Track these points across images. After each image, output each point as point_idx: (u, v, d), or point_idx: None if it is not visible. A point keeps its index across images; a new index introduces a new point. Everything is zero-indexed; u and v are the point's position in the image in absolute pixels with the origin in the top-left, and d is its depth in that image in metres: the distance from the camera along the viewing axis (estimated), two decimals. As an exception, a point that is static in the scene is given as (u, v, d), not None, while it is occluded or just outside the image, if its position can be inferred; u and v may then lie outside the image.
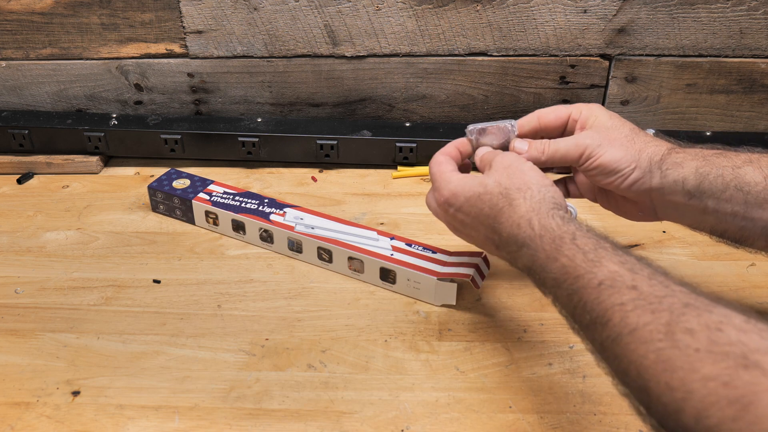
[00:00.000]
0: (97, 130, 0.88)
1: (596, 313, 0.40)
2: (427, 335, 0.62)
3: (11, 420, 0.54)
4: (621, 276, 0.41)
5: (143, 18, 0.87)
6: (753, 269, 0.69)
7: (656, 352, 0.35)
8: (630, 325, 0.38)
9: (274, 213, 0.73)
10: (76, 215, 0.80)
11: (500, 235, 0.51)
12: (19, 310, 0.66)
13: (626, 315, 0.38)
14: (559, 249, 0.46)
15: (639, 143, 0.55)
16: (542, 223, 0.48)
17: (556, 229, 0.47)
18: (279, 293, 0.67)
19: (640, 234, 0.75)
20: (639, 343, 0.37)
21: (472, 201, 0.53)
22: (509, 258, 0.52)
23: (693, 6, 0.82)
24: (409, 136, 0.86)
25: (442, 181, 0.56)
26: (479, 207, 0.53)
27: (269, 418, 0.54)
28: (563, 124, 0.58)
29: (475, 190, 0.53)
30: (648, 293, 0.39)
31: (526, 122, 0.59)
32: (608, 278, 0.41)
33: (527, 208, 0.49)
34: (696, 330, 0.35)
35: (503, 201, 0.51)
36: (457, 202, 0.54)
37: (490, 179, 0.53)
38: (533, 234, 0.48)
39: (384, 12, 0.85)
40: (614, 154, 0.54)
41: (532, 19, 0.84)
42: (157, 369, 0.58)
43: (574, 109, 0.58)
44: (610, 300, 0.40)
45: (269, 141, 0.87)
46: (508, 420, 0.53)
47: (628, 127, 0.56)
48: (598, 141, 0.54)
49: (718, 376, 0.32)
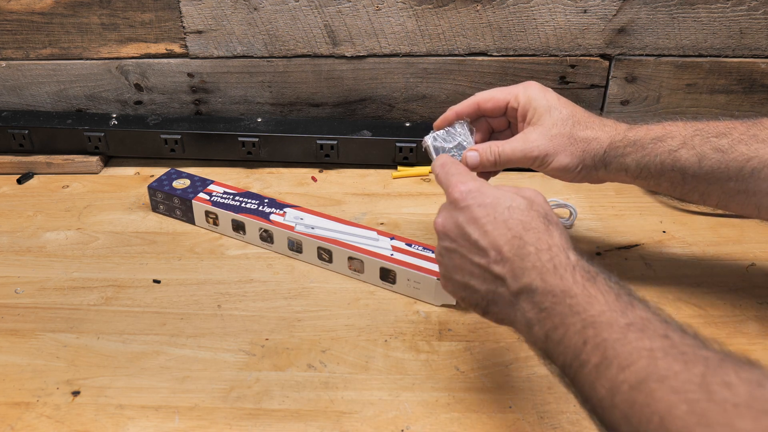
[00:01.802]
0: (97, 130, 0.88)
1: (616, 353, 0.37)
2: (427, 335, 0.62)
3: (11, 420, 0.54)
4: (652, 323, 0.38)
5: (143, 18, 0.87)
6: (753, 269, 0.69)
7: (689, 404, 0.32)
8: (659, 371, 0.34)
9: (274, 213, 0.73)
10: (76, 215, 0.80)
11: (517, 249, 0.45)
12: (19, 310, 0.66)
13: (655, 361, 0.35)
14: (591, 281, 0.42)
15: (581, 143, 0.59)
16: (578, 259, 0.44)
17: (593, 268, 0.44)
18: (279, 293, 0.67)
19: (640, 234, 0.75)
20: (668, 391, 0.33)
21: (499, 207, 0.47)
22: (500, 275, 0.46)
23: (693, 6, 0.82)
24: (409, 136, 0.86)
25: (465, 174, 0.51)
26: (505, 216, 0.47)
27: (269, 418, 0.54)
28: (502, 110, 0.62)
29: (506, 200, 0.48)
30: (681, 343, 0.36)
31: (467, 109, 0.62)
32: (638, 322, 0.38)
33: (563, 241, 0.45)
34: (735, 384, 0.32)
35: (540, 224, 0.46)
36: (481, 198, 0.48)
37: (522, 200, 0.48)
38: (566, 261, 0.43)
39: (384, 12, 0.85)
40: (562, 161, 0.59)
41: (532, 19, 0.84)
42: (157, 369, 0.58)
43: (511, 97, 0.61)
44: (637, 343, 0.37)
45: (269, 141, 0.87)
46: (508, 420, 0.53)
47: (568, 121, 0.59)
48: (544, 150, 0.58)
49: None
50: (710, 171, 0.55)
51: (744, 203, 0.55)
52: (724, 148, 0.54)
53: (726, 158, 0.54)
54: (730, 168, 0.54)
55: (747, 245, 0.73)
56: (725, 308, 0.64)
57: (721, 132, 0.55)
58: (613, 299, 0.40)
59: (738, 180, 0.54)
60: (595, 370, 0.38)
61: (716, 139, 0.55)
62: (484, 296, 0.48)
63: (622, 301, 0.40)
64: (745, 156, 0.53)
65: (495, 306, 0.47)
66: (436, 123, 0.63)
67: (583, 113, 0.60)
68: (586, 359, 0.38)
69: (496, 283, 0.46)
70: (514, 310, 0.46)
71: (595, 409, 0.38)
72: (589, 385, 0.38)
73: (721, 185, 0.55)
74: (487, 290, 0.47)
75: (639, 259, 0.71)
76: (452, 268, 0.50)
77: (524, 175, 0.86)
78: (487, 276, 0.47)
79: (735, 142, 0.54)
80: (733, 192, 0.55)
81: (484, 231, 0.47)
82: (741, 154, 0.53)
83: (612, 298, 0.41)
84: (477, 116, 0.63)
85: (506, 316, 0.47)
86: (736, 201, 0.56)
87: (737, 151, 0.54)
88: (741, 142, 0.54)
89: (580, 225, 0.77)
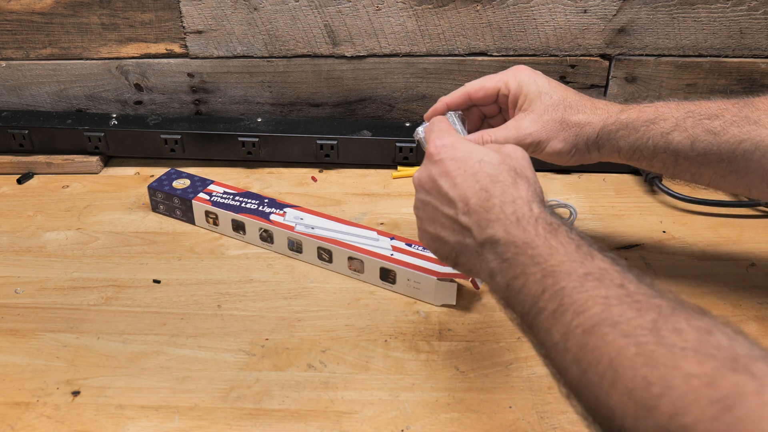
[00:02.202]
0: (97, 130, 0.88)
1: (572, 300, 0.38)
2: (427, 335, 0.62)
3: (11, 420, 0.54)
4: (610, 273, 0.39)
5: (143, 18, 0.87)
6: (753, 269, 0.69)
7: (638, 346, 0.33)
8: (612, 317, 0.36)
9: (274, 213, 0.73)
10: (76, 215, 0.80)
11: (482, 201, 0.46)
12: (19, 310, 0.66)
13: (609, 308, 0.36)
14: (553, 233, 0.43)
15: (574, 127, 0.59)
16: (541, 211, 0.45)
17: (554, 220, 0.45)
18: (279, 293, 0.67)
19: (640, 234, 0.75)
20: (619, 335, 0.35)
21: (470, 160, 0.48)
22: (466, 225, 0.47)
23: (693, 6, 0.82)
24: (409, 136, 0.86)
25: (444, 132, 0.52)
26: (475, 169, 0.48)
27: (269, 418, 0.54)
28: (493, 99, 0.62)
29: (478, 154, 0.49)
30: (636, 292, 0.37)
31: (457, 99, 0.62)
32: (596, 271, 0.39)
33: (529, 195, 0.46)
34: (684, 330, 0.33)
35: (507, 177, 0.47)
36: (453, 152, 0.49)
37: (496, 154, 0.49)
38: (529, 213, 0.45)
39: (384, 12, 0.85)
40: (555, 146, 0.59)
41: (532, 19, 0.84)
42: (157, 369, 0.58)
43: (501, 84, 0.61)
44: (593, 291, 0.38)
45: (269, 141, 0.87)
46: (508, 420, 0.53)
47: (560, 106, 0.59)
48: (537, 137, 0.58)
49: (703, 374, 0.31)
50: (702, 153, 0.55)
51: (735, 183, 0.56)
52: (717, 131, 0.54)
53: (718, 140, 0.54)
54: (723, 150, 0.54)
55: (747, 245, 0.73)
56: (725, 308, 0.64)
57: (713, 113, 0.55)
58: (573, 250, 0.42)
59: (730, 161, 0.54)
60: (552, 316, 0.39)
61: (708, 121, 0.55)
62: (453, 247, 0.49)
63: (582, 252, 0.41)
64: (737, 138, 0.54)
65: (463, 257, 0.49)
66: (427, 114, 0.63)
67: (574, 96, 0.60)
68: (544, 306, 0.40)
69: (464, 234, 0.48)
70: (479, 260, 0.47)
71: (549, 353, 0.39)
72: (545, 330, 0.40)
73: (713, 167, 0.56)
74: (455, 241, 0.49)
75: (639, 259, 0.71)
76: (426, 220, 0.51)
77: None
78: (456, 227, 0.48)
79: (727, 124, 0.54)
80: (725, 173, 0.55)
81: (453, 183, 0.48)
82: (733, 136, 0.54)
83: (572, 249, 0.42)
84: (468, 106, 0.63)
85: (473, 267, 0.48)
86: (727, 181, 0.56)
87: (729, 133, 0.54)
88: (733, 124, 0.54)
89: (580, 225, 0.77)
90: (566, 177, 0.86)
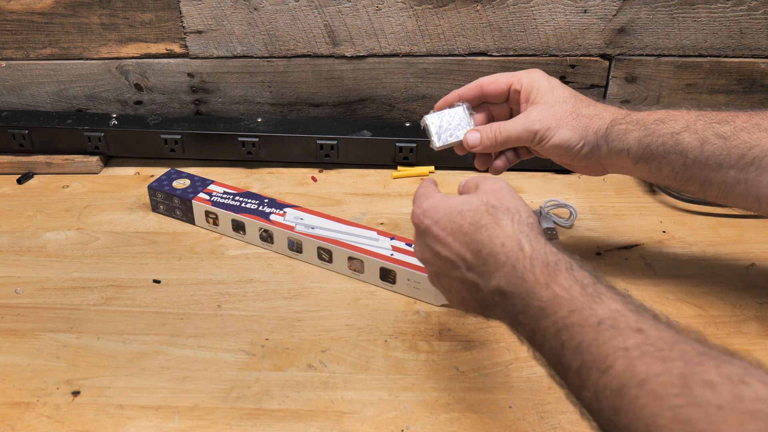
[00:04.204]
0: (97, 130, 0.88)
1: (593, 356, 0.36)
2: (427, 335, 0.62)
3: (11, 420, 0.54)
4: (624, 316, 0.37)
5: (143, 18, 0.87)
6: (753, 269, 0.69)
7: (672, 410, 0.31)
8: (638, 375, 0.33)
9: (274, 213, 0.73)
10: (76, 215, 0.80)
11: (476, 254, 0.46)
12: (19, 310, 0.66)
13: (632, 363, 0.34)
14: (553, 276, 0.41)
15: (584, 118, 0.59)
16: (534, 246, 0.44)
17: (550, 255, 0.43)
18: (279, 293, 0.67)
19: (640, 234, 0.75)
20: (651, 398, 0.32)
21: (452, 216, 0.48)
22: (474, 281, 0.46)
23: (693, 6, 0.82)
24: (409, 136, 0.86)
25: (423, 196, 0.52)
26: (458, 223, 0.47)
27: (269, 418, 0.54)
28: (504, 94, 0.62)
29: (457, 206, 0.48)
30: (656, 338, 0.35)
31: (469, 91, 0.63)
32: (610, 317, 0.37)
33: (515, 230, 0.45)
34: (716, 383, 0.31)
35: (488, 218, 0.46)
36: (435, 215, 0.49)
37: (475, 198, 0.49)
38: (522, 255, 0.43)
39: (384, 12, 0.85)
40: (563, 135, 0.58)
41: (532, 19, 0.84)
42: (157, 369, 0.58)
43: (514, 79, 0.61)
44: (611, 343, 0.36)
45: (269, 141, 0.87)
46: (508, 420, 0.53)
47: (571, 99, 0.60)
48: (546, 123, 0.58)
49: None
50: (712, 156, 0.54)
51: (744, 194, 0.55)
52: (727, 135, 0.54)
53: (728, 145, 0.54)
54: (732, 155, 0.54)
55: (747, 245, 0.73)
56: (725, 308, 0.64)
57: (724, 119, 0.55)
58: (578, 293, 0.40)
59: (739, 168, 0.54)
60: (578, 375, 0.37)
61: (719, 125, 0.55)
62: (476, 303, 0.48)
63: (588, 294, 0.40)
64: (748, 144, 0.53)
65: (487, 309, 0.48)
66: (438, 104, 0.64)
67: (585, 96, 0.61)
68: (568, 364, 0.38)
69: (476, 289, 0.47)
70: (500, 309, 0.46)
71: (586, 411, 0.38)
72: (575, 388, 0.38)
73: (722, 173, 0.55)
74: (474, 298, 0.48)
75: (639, 259, 0.71)
76: (446, 289, 0.51)
77: (524, 174, 0.86)
78: (467, 285, 0.48)
79: (737, 130, 0.54)
80: (733, 181, 0.55)
81: (446, 244, 0.48)
82: (743, 142, 0.53)
83: (577, 292, 0.40)
84: (479, 101, 0.64)
85: (499, 316, 0.47)
86: (736, 191, 0.55)
87: (739, 139, 0.54)
88: (743, 129, 0.54)
89: (580, 225, 0.77)
90: (566, 177, 0.86)
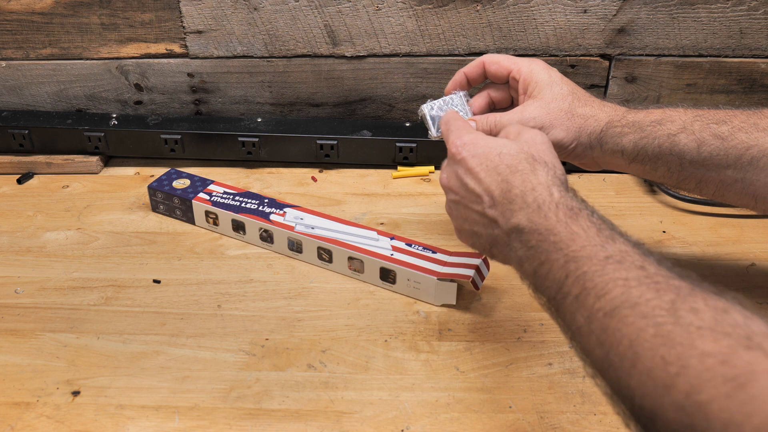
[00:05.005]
0: (97, 130, 0.88)
1: (594, 283, 0.39)
2: (427, 335, 0.62)
3: (11, 420, 0.54)
4: (630, 256, 0.40)
5: (143, 18, 0.87)
6: (753, 269, 0.69)
7: (656, 326, 0.35)
8: (632, 299, 0.37)
9: (274, 213, 0.73)
10: (76, 215, 0.80)
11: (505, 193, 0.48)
12: (19, 310, 0.66)
13: (629, 290, 0.37)
14: (574, 218, 0.44)
15: (579, 119, 0.59)
16: (562, 195, 0.46)
17: (575, 203, 0.46)
18: (279, 293, 0.67)
19: (640, 234, 0.75)
20: (638, 316, 0.36)
21: (490, 155, 0.50)
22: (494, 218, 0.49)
23: (693, 6, 0.82)
24: (409, 136, 0.86)
25: (464, 129, 0.54)
26: (495, 162, 0.50)
27: (269, 418, 0.54)
28: (504, 78, 0.63)
29: (497, 147, 0.51)
30: (655, 273, 0.38)
31: (473, 68, 0.64)
32: (617, 254, 0.40)
33: (549, 180, 0.48)
34: (701, 309, 0.34)
35: (526, 166, 0.49)
36: (474, 150, 0.51)
37: (515, 144, 0.51)
38: (550, 199, 0.46)
39: (384, 12, 0.85)
40: (556, 135, 0.59)
41: (532, 19, 0.84)
42: (157, 369, 0.58)
43: (515, 67, 0.62)
44: (614, 273, 0.39)
45: (269, 141, 0.87)
46: (508, 420, 0.53)
47: (568, 97, 0.60)
48: (540, 122, 0.59)
49: (718, 353, 0.31)
50: (709, 157, 0.55)
51: (741, 193, 0.55)
52: (724, 135, 0.54)
53: (725, 145, 0.54)
54: (729, 155, 0.54)
55: (747, 245, 0.73)
56: (725, 308, 0.64)
57: (722, 119, 0.55)
58: (594, 234, 0.43)
59: (736, 168, 0.54)
60: (576, 300, 0.40)
61: (716, 126, 0.55)
62: (486, 239, 0.51)
63: (603, 236, 0.43)
64: (745, 144, 0.53)
65: (496, 248, 0.51)
66: (447, 88, 0.65)
67: (584, 93, 0.61)
68: (568, 291, 0.41)
69: (492, 226, 0.50)
70: (509, 249, 0.49)
71: (575, 336, 0.41)
72: (570, 314, 0.41)
73: (719, 173, 0.55)
74: (487, 234, 0.51)
75: (639, 259, 0.71)
76: (460, 219, 0.54)
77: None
78: (485, 220, 0.50)
79: (735, 130, 0.54)
80: (730, 180, 0.55)
81: (478, 179, 0.50)
82: (741, 142, 0.54)
83: (593, 233, 0.43)
84: (481, 79, 0.65)
85: (505, 256, 0.51)
86: (733, 190, 0.56)
87: (737, 139, 0.54)
88: (741, 129, 0.54)
89: (580, 225, 0.77)
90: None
